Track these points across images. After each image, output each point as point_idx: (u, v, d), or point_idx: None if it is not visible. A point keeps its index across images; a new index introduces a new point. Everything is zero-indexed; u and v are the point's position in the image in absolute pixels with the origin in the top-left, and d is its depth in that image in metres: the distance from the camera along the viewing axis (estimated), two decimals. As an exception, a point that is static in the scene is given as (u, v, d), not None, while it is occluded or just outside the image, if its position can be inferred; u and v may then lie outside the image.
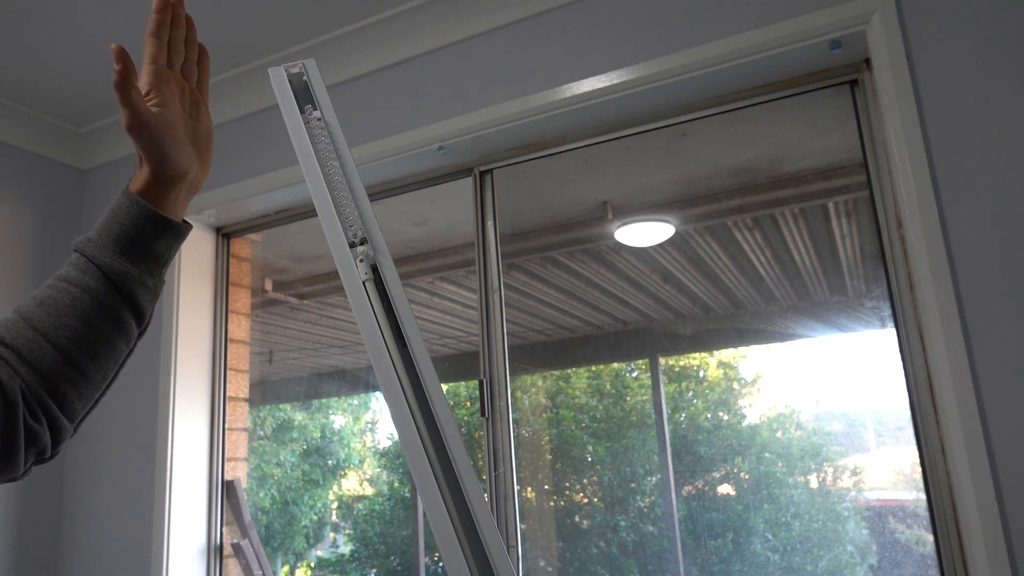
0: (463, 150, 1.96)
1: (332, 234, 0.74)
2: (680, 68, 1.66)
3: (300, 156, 0.77)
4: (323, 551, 3.52)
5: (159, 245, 0.68)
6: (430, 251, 2.74)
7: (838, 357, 1.85)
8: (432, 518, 0.62)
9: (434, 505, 0.62)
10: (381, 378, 0.67)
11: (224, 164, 2.31)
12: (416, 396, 0.67)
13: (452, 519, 0.62)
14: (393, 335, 0.69)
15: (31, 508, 2.31)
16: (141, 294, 0.67)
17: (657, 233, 2.14)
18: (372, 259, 0.72)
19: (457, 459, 0.64)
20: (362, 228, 0.74)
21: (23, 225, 2.41)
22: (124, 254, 0.65)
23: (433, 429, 0.66)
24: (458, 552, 0.61)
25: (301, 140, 0.78)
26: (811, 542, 1.86)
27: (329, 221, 0.76)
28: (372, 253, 0.73)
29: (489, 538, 0.61)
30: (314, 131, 0.79)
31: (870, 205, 1.59)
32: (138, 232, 0.66)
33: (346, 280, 0.71)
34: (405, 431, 0.65)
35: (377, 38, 2.05)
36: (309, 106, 0.80)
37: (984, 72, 1.39)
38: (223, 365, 2.39)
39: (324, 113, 0.80)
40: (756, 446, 1.98)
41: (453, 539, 0.61)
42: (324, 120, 0.79)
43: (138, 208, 0.66)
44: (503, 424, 1.85)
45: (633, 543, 2.12)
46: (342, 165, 0.78)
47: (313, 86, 0.81)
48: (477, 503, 0.63)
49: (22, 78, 2.24)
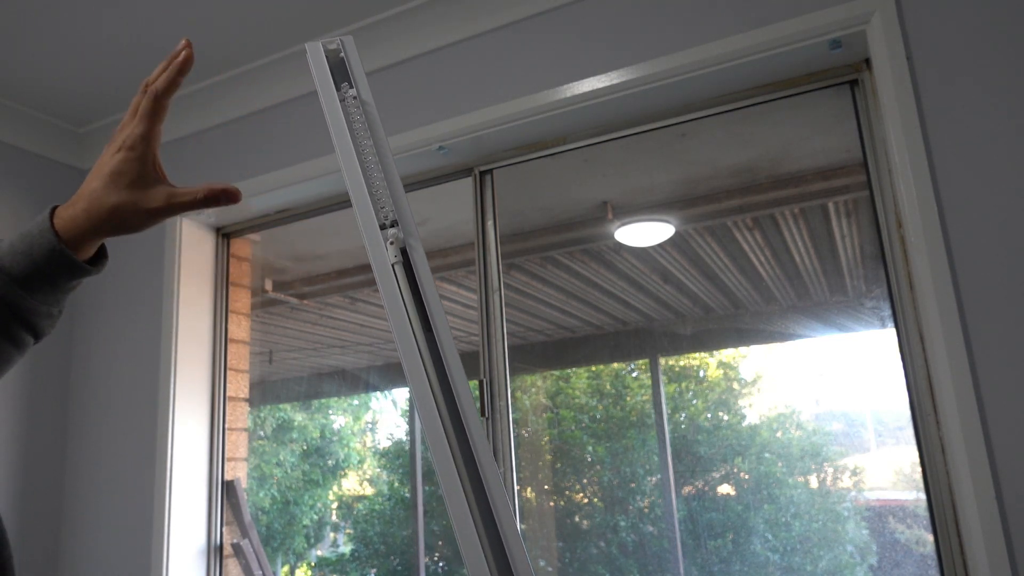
0: (463, 150, 1.96)
1: (363, 215, 0.73)
2: (680, 68, 1.66)
3: (334, 133, 0.76)
4: (323, 551, 3.52)
5: (71, 283, 0.65)
6: (430, 251, 2.74)
7: (838, 357, 1.85)
8: (449, 502, 0.62)
9: (453, 489, 0.62)
10: (406, 361, 0.67)
11: (224, 164, 2.31)
12: (440, 381, 0.67)
13: (470, 503, 0.62)
14: (420, 319, 0.68)
15: (31, 508, 2.31)
16: (44, 322, 0.64)
17: (657, 233, 2.14)
18: (402, 242, 0.72)
19: (478, 445, 0.64)
20: (393, 210, 0.74)
21: (23, 225, 2.41)
22: (33, 292, 0.62)
23: (455, 413, 0.65)
24: (475, 538, 0.61)
25: (336, 117, 0.77)
26: (811, 542, 1.86)
27: (361, 201, 0.75)
28: (402, 236, 0.72)
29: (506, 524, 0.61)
30: (349, 109, 0.77)
31: (870, 205, 1.59)
32: (51, 274, 0.63)
33: (375, 262, 0.71)
34: (427, 414, 0.65)
35: (377, 38, 2.05)
36: (345, 84, 0.78)
37: (984, 72, 1.39)
38: (223, 365, 2.39)
39: (360, 91, 0.78)
40: (756, 446, 1.98)
41: (470, 524, 0.61)
42: (360, 99, 0.78)
43: (58, 255, 0.62)
44: (503, 424, 1.85)
45: (633, 543, 2.12)
46: (376, 145, 0.77)
47: (351, 63, 0.80)
48: (496, 489, 0.62)
49: (22, 78, 2.24)
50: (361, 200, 0.75)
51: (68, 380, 2.46)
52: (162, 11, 1.96)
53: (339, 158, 0.75)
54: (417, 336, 0.68)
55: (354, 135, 0.77)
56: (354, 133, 0.77)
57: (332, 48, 0.80)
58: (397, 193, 0.75)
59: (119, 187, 0.66)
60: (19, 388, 2.32)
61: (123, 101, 2.40)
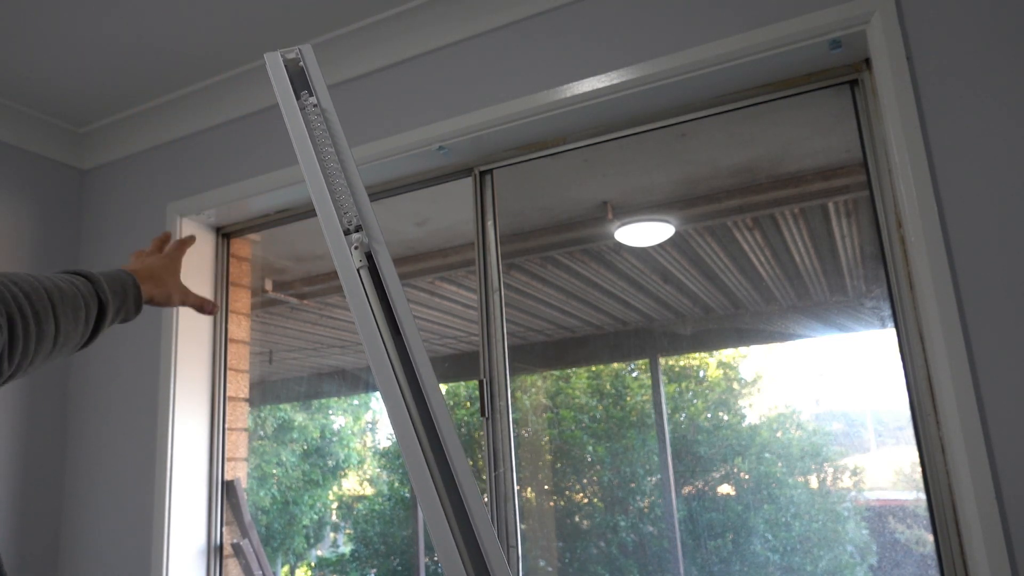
0: (463, 150, 1.96)
1: (327, 221, 0.73)
2: (680, 68, 1.66)
3: (295, 142, 0.76)
4: (323, 551, 3.52)
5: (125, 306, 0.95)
6: (430, 251, 2.74)
7: (838, 357, 1.86)
8: (423, 505, 0.61)
9: (426, 493, 0.62)
10: (375, 366, 0.67)
11: (224, 164, 2.31)
12: (410, 384, 0.66)
13: (444, 506, 0.61)
14: (388, 323, 0.68)
15: (31, 508, 2.31)
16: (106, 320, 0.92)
17: (657, 233, 2.14)
18: (367, 246, 0.71)
19: (450, 448, 0.63)
20: (357, 215, 0.74)
21: (23, 225, 2.41)
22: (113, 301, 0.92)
23: (427, 416, 0.65)
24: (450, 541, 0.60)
25: (296, 126, 0.77)
26: (811, 542, 1.86)
27: (324, 207, 0.75)
28: (367, 240, 0.72)
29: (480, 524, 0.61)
30: (310, 117, 0.78)
31: (870, 205, 1.59)
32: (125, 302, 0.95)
33: (340, 267, 0.71)
34: (398, 418, 0.65)
35: (377, 38, 2.05)
36: (305, 92, 0.79)
37: (984, 72, 1.39)
38: (223, 365, 2.39)
39: (320, 99, 0.78)
40: (756, 446, 1.98)
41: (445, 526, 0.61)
42: (320, 107, 0.78)
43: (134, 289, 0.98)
44: (503, 424, 1.85)
45: (633, 543, 2.12)
46: (338, 152, 0.77)
47: (310, 72, 0.80)
48: (470, 491, 0.62)
49: (22, 78, 2.24)
50: (324, 206, 0.75)
51: (68, 380, 2.46)
52: (162, 11, 1.96)
53: (301, 166, 0.76)
54: (386, 340, 0.67)
55: (315, 142, 0.77)
56: (315, 140, 0.77)
57: (291, 58, 0.80)
58: (360, 198, 0.75)
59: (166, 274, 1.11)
60: (19, 388, 2.32)
61: (123, 101, 2.40)
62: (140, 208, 2.45)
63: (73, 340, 0.85)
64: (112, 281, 0.92)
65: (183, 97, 2.36)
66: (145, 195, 2.45)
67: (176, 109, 2.39)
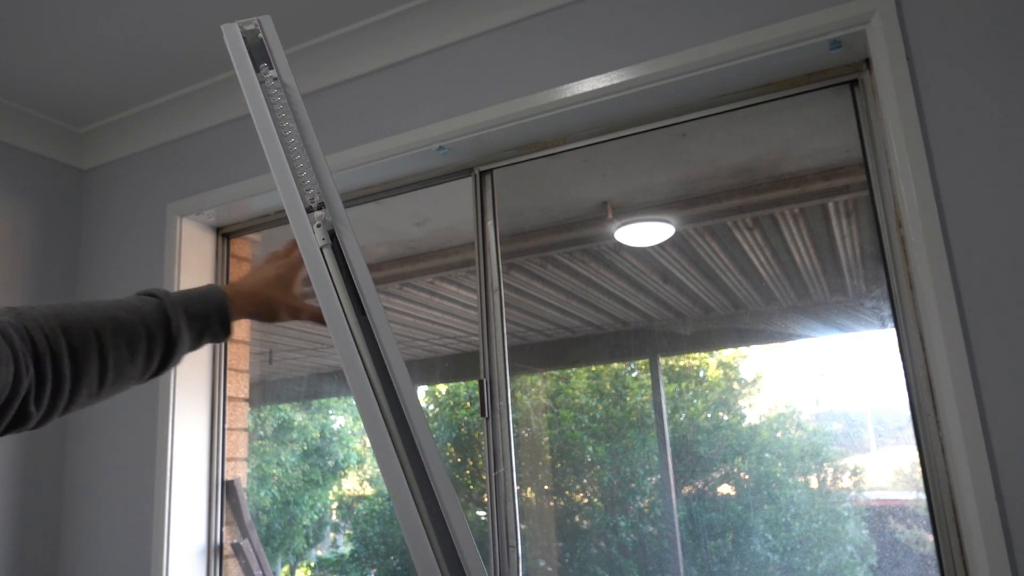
0: (463, 150, 1.96)
1: (288, 197, 0.71)
2: (680, 68, 1.66)
3: (254, 115, 0.73)
4: (323, 551, 3.52)
5: (210, 329, 0.83)
6: (430, 251, 2.74)
7: (838, 357, 1.85)
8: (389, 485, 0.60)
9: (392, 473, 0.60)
10: (339, 346, 0.65)
11: (224, 164, 2.31)
12: (375, 363, 0.64)
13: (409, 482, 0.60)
14: (352, 302, 0.66)
15: (31, 508, 2.31)
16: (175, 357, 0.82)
17: (657, 233, 2.14)
18: (330, 224, 0.69)
19: (416, 426, 0.62)
20: (319, 192, 0.72)
21: (23, 225, 2.41)
22: (190, 326, 0.80)
23: (392, 397, 0.63)
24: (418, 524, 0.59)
25: (256, 99, 0.74)
26: (811, 542, 1.86)
27: (284, 184, 0.73)
28: (330, 218, 0.70)
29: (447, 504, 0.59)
30: (269, 91, 0.74)
31: (870, 205, 1.59)
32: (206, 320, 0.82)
33: (302, 246, 0.69)
34: (363, 398, 0.63)
35: (377, 38, 2.05)
36: (265, 64, 0.76)
37: (984, 72, 1.39)
38: (223, 365, 2.39)
39: (281, 73, 0.75)
40: (756, 446, 1.98)
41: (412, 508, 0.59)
42: (281, 80, 0.75)
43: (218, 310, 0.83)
44: (503, 424, 1.85)
45: (633, 543, 2.12)
46: (299, 127, 0.75)
47: (270, 44, 0.77)
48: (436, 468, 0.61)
49: (22, 78, 2.24)
50: (285, 182, 0.73)
51: (68, 380, 2.46)
52: (162, 11, 1.96)
53: (261, 140, 0.73)
54: (350, 320, 0.65)
55: (275, 116, 0.74)
56: (275, 114, 0.74)
57: (250, 29, 0.76)
58: (323, 175, 0.73)
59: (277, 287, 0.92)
60: (19, 388, 2.32)
61: (123, 101, 2.40)
62: (140, 208, 2.45)
63: (130, 373, 0.77)
64: (192, 302, 0.82)
65: (183, 97, 2.36)
66: (145, 195, 2.45)
67: (176, 109, 2.39)
